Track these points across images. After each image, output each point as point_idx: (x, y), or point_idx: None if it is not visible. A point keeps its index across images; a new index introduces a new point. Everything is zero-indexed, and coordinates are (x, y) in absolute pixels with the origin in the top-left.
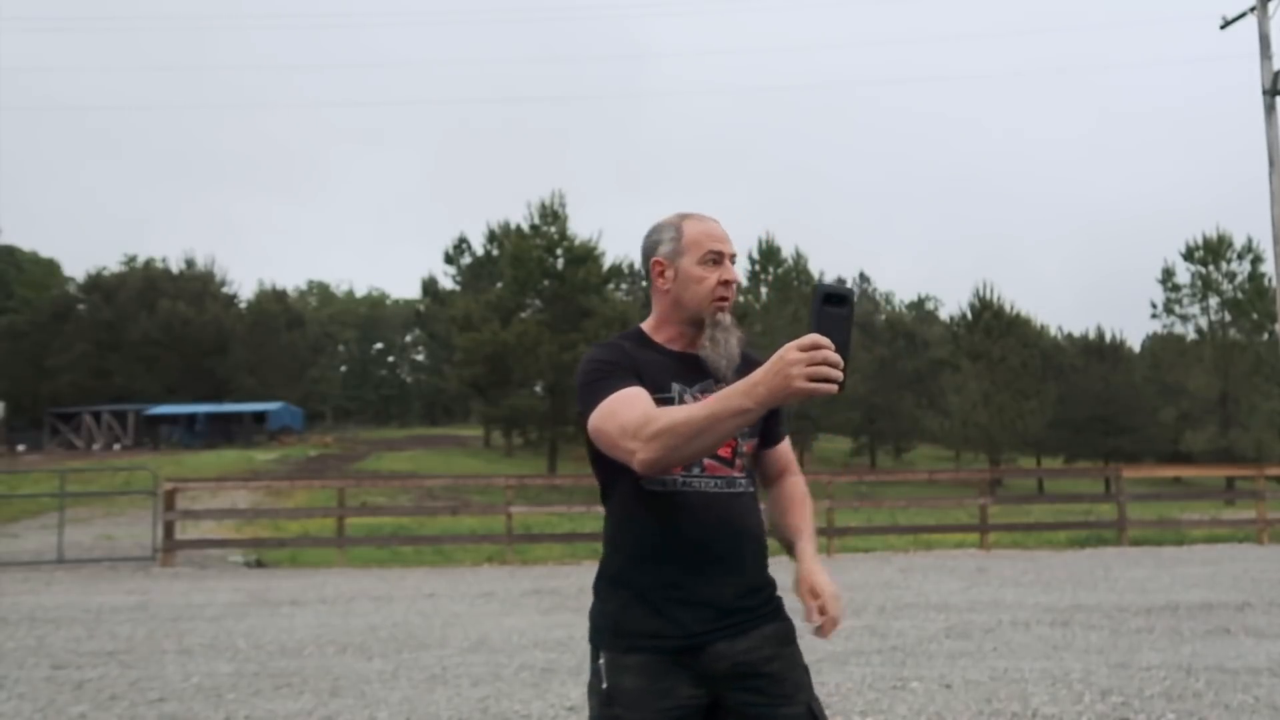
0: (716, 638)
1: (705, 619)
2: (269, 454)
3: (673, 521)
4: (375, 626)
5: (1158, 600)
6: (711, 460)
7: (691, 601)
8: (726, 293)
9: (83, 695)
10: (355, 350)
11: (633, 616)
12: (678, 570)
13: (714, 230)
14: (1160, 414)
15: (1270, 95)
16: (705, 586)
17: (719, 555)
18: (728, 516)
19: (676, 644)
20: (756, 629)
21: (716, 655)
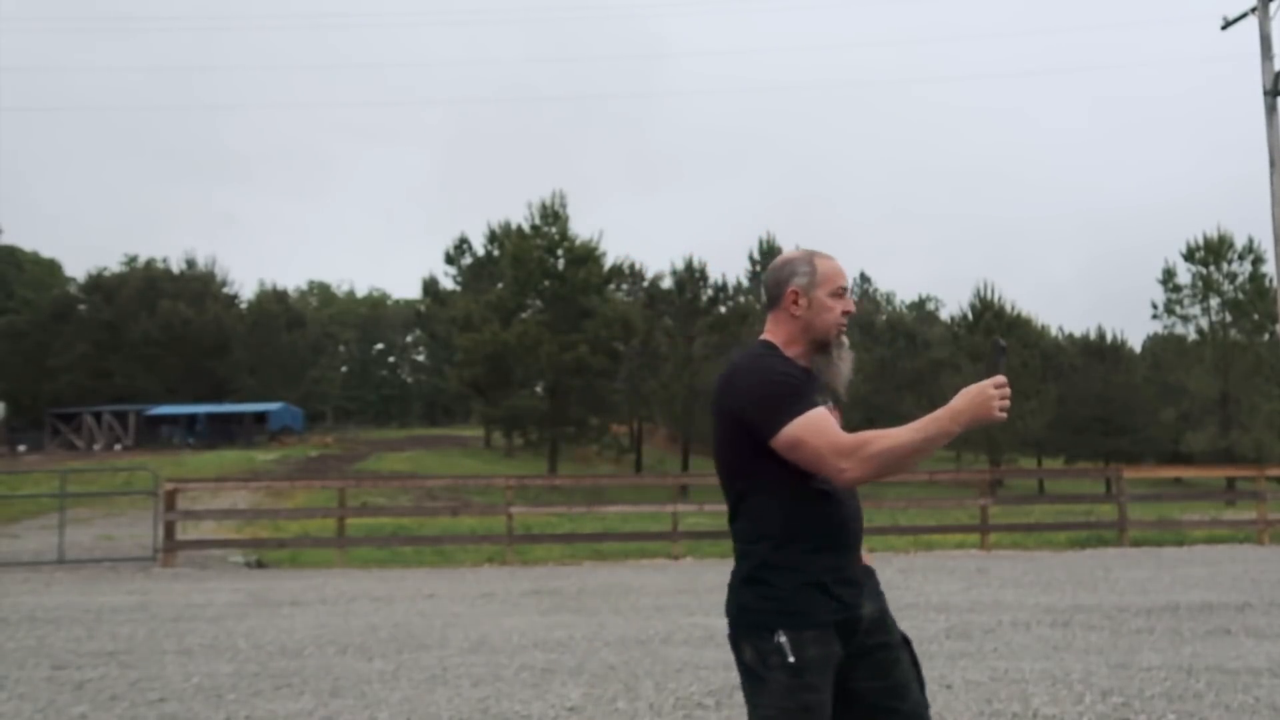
0: (859, 606)
1: (855, 592)
2: (269, 454)
3: (836, 513)
4: (375, 627)
5: (1158, 601)
6: None
7: (847, 580)
8: (845, 321)
9: (83, 695)
10: (356, 350)
11: (808, 598)
12: (840, 555)
13: (840, 268)
14: (1161, 414)
15: (1271, 95)
16: (851, 565)
17: (856, 537)
18: (855, 503)
19: (840, 617)
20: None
21: (860, 619)
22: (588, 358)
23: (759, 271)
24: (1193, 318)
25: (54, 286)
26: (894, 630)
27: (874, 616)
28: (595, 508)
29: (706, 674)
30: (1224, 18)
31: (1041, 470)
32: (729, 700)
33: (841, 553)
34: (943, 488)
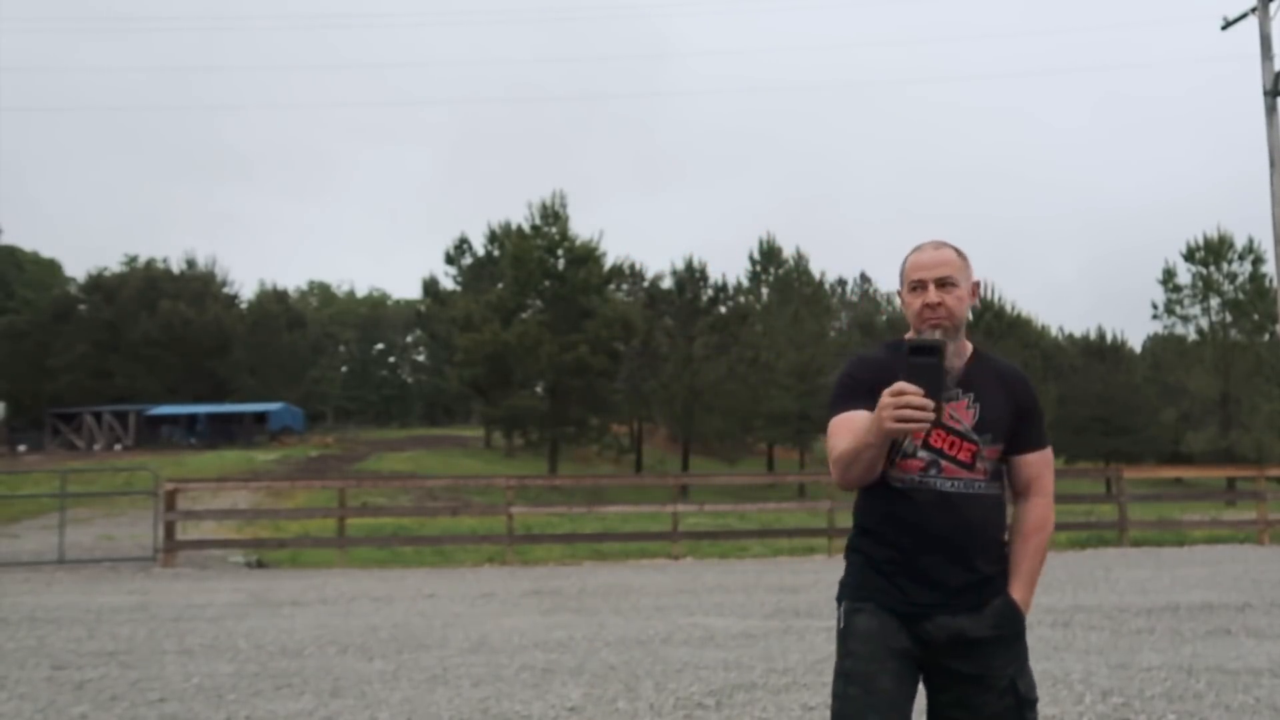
0: (939, 611)
1: (930, 595)
2: (269, 454)
3: (906, 511)
4: (376, 627)
5: (1158, 601)
6: (950, 464)
7: (917, 578)
8: (932, 315)
9: (83, 695)
10: (356, 351)
11: (867, 578)
12: (906, 549)
13: (920, 259)
14: (1161, 415)
15: (1271, 96)
16: (932, 568)
17: (946, 544)
18: (959, 513)
19: (902, 608)
20: (977, 612)
21: (938, 626)
22: (588, 358)
23: (759, 272)
24: (1193, 318)
25: (54, 286)
26: (999, 671)
27: (965, 638)
28: (595, 508)
29: (707, 674)
30: (1224, 18)
31: None
32: (729, 700)
33: (915, 551)
34: None
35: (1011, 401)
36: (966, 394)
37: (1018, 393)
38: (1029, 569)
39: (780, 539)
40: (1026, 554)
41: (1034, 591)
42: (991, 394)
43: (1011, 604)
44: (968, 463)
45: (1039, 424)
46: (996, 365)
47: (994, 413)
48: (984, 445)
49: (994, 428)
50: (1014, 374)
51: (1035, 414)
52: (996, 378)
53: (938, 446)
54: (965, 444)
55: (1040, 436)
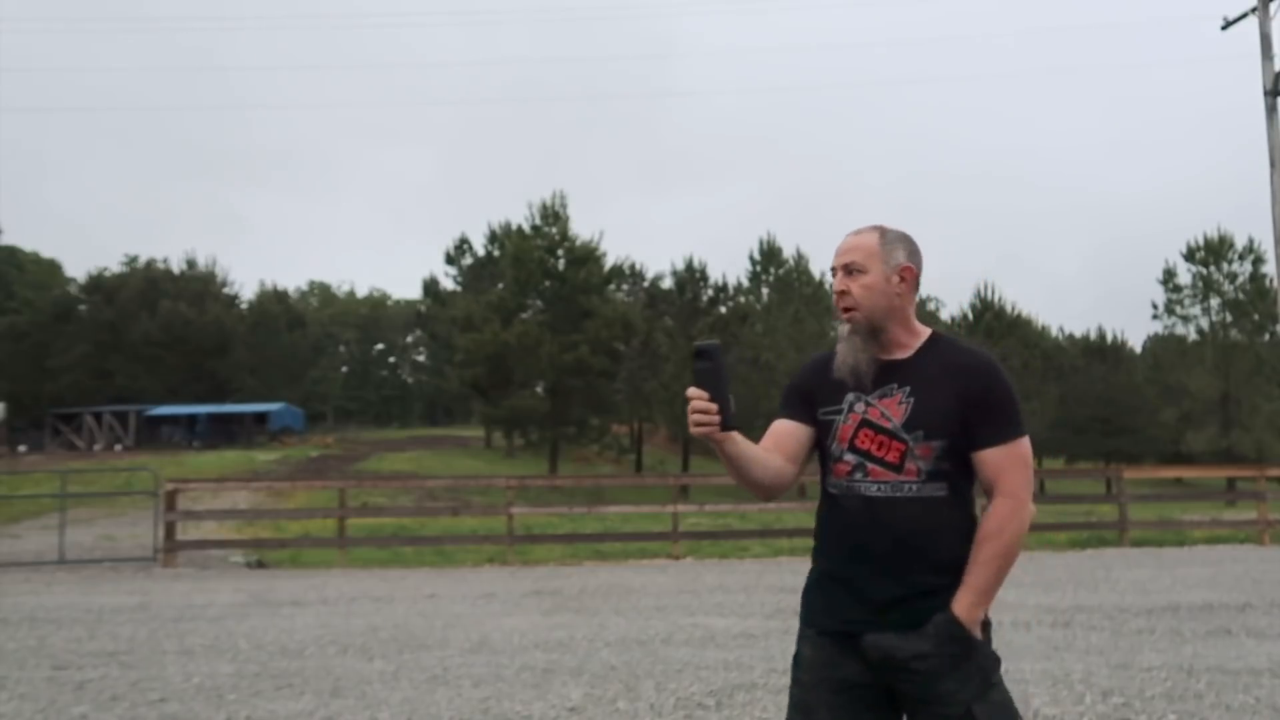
0: (868, 629)
1: (859, 610)
2: (270, 454)
3: (838, 519)
4: (376, 627)
5: (1159, 601)
6: (877, 465)
7: (851, 593)
8: (841, 303)
9: (84, 696)
10: (356, 351)
11: (812, 596)
12: (840, 563)
13: (840, 245)
14: (1161, 415)
15: (1271, 95)
16: (863, 582)
17: (873, 555)
18: (884, 520)
19: (834, 628)
20: (912, 629)
21: (868, 645)
22: (588, 358)
23: (759, 272)
24: (1193, 318)
25: (55, 287)
26: (951, 698)
27: (894, 659)
28: (596, 508)
29: (707, 674)
30: (1224, 18)
31: (1042, 470)
32: (729, 700)
33: (844, 562)
34: None
35: (957, 393)
36: (902, 387)
37: (966, 383)
38: (975, 579)
39: (780, 539)
40: (976, 562)
41: (985, 604)
42: (932, 386)
43: (951, 620)
44: (895, 463)
45: (998, 417)
46: (949, 354)
47: (931, 407)
48: (915, 443)
49: (928, 423)
50: (968, 363)
51: (991, 406)
52: (943, 368)
53: (864, 448)
54: (894, 443)
55: (999, 431)
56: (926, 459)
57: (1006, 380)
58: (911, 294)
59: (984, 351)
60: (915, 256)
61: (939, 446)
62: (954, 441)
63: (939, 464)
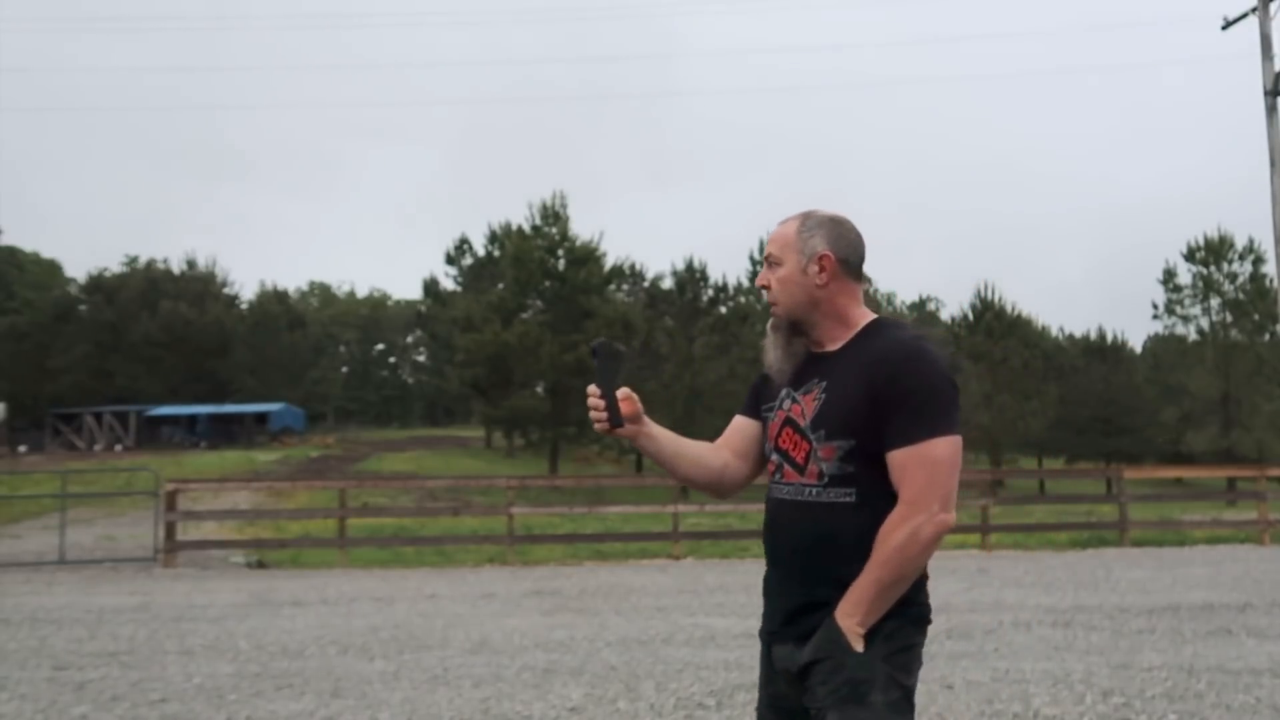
0: (775, 640)
1: (773, 620)
2: (270, 455)
3: (769, 523)
4: (377, 627)
5: (1159, 601)
6: (789, 467)
7: (770, 601)
8: (766, 297)
9: (84, 696)
10: (356, 351)
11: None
12: (767, 568)
13: (770, 235)
14: (1162, 415)
15: (1271, 96)
16: (774, 587)
17: (781, 561)
18: (790, 524)
19: (765, 633)
20: (806, 642)
21: (776, 656)
22: (589, 358)
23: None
24: (1193, 318)
25: (55, 287)
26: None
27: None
28: (596, 508)
29: (708, 674)
30: (1224, 18)
31: (1042, 470)
32: (730, 700)
33: (768, 567)
34: None
35: (866, 386)
36: (820, 382)
37: (877, 376)
38: (861, 585)
39: None
40: (864, 568)
41: (863, 614)
42: (844, 379)
43: (830, 623)
44: (800, 464)
45: (908, 413)
46: (873, 343)
47: (836, 402)
48: (818, 443)
49: (831, 421)
50: (885, 353)
51: (901, 401)
52: (859, 359)
53: (784, 447)
54: (802, 443)
55: (905, 430)
56: (829, 461)
57: (925, 371)
58: (838, 282)
59: (910, 337)
60: (839, 242)
61: (843, 447)
62: (863, 442)
63: (843, 467)
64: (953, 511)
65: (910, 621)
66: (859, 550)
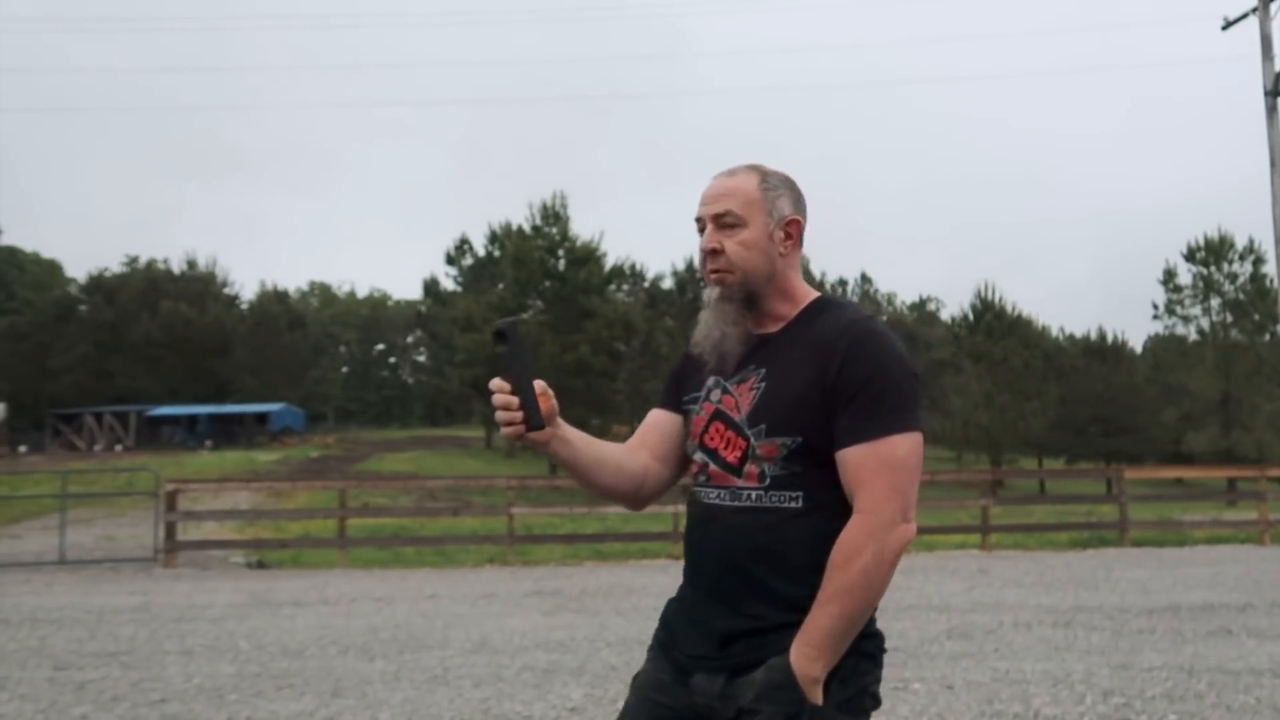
0: (699, 668)
1: (697, 643)
2: (270, 455)
3: (688, 532)
4: (377, 627)
5: (1159, 601)
6: (718, 466)
7: (690, 621)
8: (711, 264)
9: (84, 696)
10: (357, 351)
11: (669, 612)
12: (687, 583)
13: (703, 193)
14: (1162, 415)
15: (1271, 96)
16: (702, 609)
17: (710, 579)
18: (723, 536)
19: (674, 655)
20: (743, 674)
21: (696, 686)
22: (589, 358)
23: None
24: (1194, 318)
25: (55, 287)
26: None
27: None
28: (596, 508)
29: None
30: (1224, 18)
31: (1043, 470)
32: None
33: (689, 582)
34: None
35: (815, 374)
36: (759, 369)
37: (828, 362)
38: (816, 621)
39: None
40: (821, 599)
41: (828, 656)
42: (788, 366)
43: (783, 668)
44: (735, 465)
45: (864, 407)
46: (819, 324)
47: (779, 392)
48: (757, 440)
49: (773, 415)
50: (836, 336)
51: (855, 393)
52: (805, 343)
53: (712, 445)
54: (737, 439)
55: (862, 424)
56: (771, 460)
57: (883, 357)
58: (796, 253)
59: (862, 318)
60: (801, 205)
61: (787, 445)
62: (810, 439)
63: (788, 467)
64: (914, 520)
65: (867, 656)
66: (810, 564)
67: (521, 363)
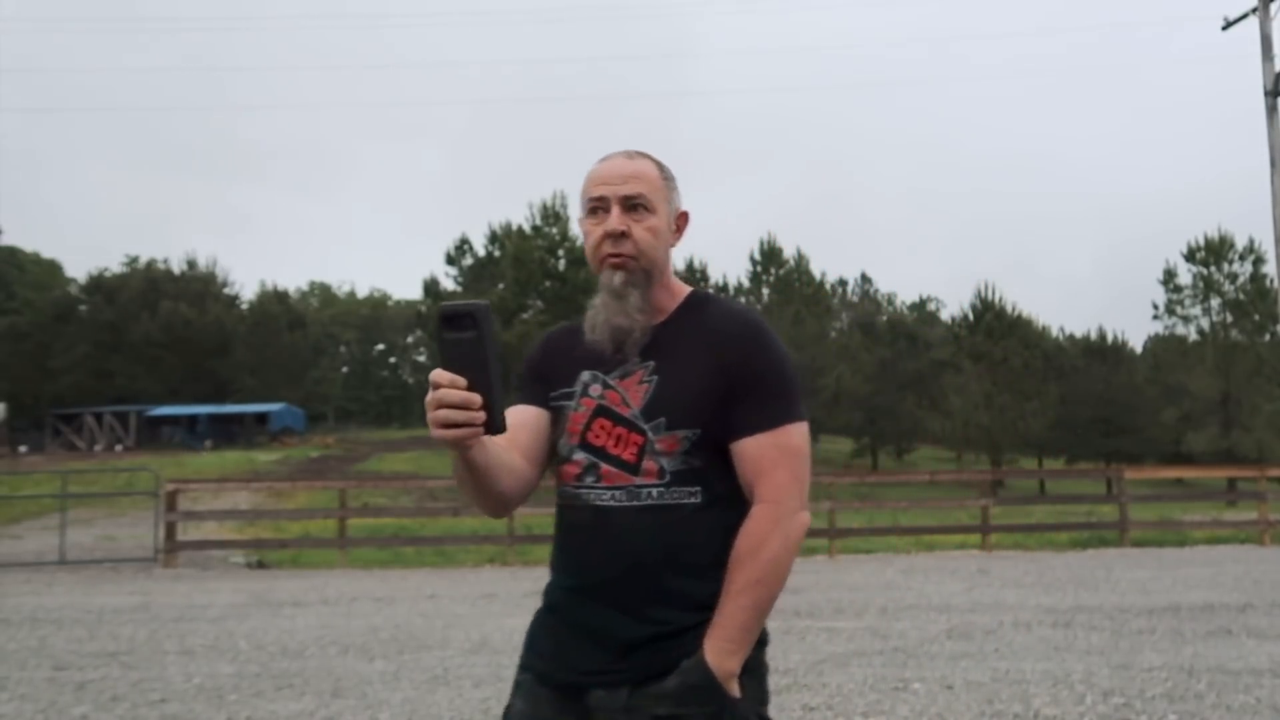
0: (597, 684)
1: (591, 658)
2: (271, 455)
3: (566, 539)
4: (377, 628)
5: (1159, 601)
6: (609, 465)
7: (580, 635)
8: (614, 250)
9: (84, 696)
10: (357, 351)
11: (538, 635)
12: (571, 595)
13: (603, 172)
14: (1162, 415)
15: (1271, 96)
16: (591, 618)
17: (607, 585)
18: (621, 536)
19: (560, 678)
20: (653, 682)
21: (596, 704)
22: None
23: (759, 272)
24: (1194, 318)
25: (55, 287)
26: None
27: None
28: None
29: None
30: (1225, 18)
31: (1042, 471)
32: None
33: (576, 593)
34: (944, 488)
35: (713, 366)
36: (645, 363)
37: (727, 352)
38: (729, 615)
39: None
40: (729, 593)
41: (743, 649)
42: (681, 359)
43: (700, 667)
44: (631, 462)
45: (762, 397)
46: (709, 317)
47: (677, 385)
48: (655, 435)
49: (673, 408)
50: (731, 326)
51: (754, 383)
52: (697, 336)
53: (598, 444)
54: (632, 435)
55: (767, 414)
56: (671, 455)
57: (775, 349)
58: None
59: (750, 311)
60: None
61: (687, 437)
62: (708, 431)
63: (688, 461)
64: (808, 509)
65: (762, 645)
66: (715, 560)
67: (492, 353)
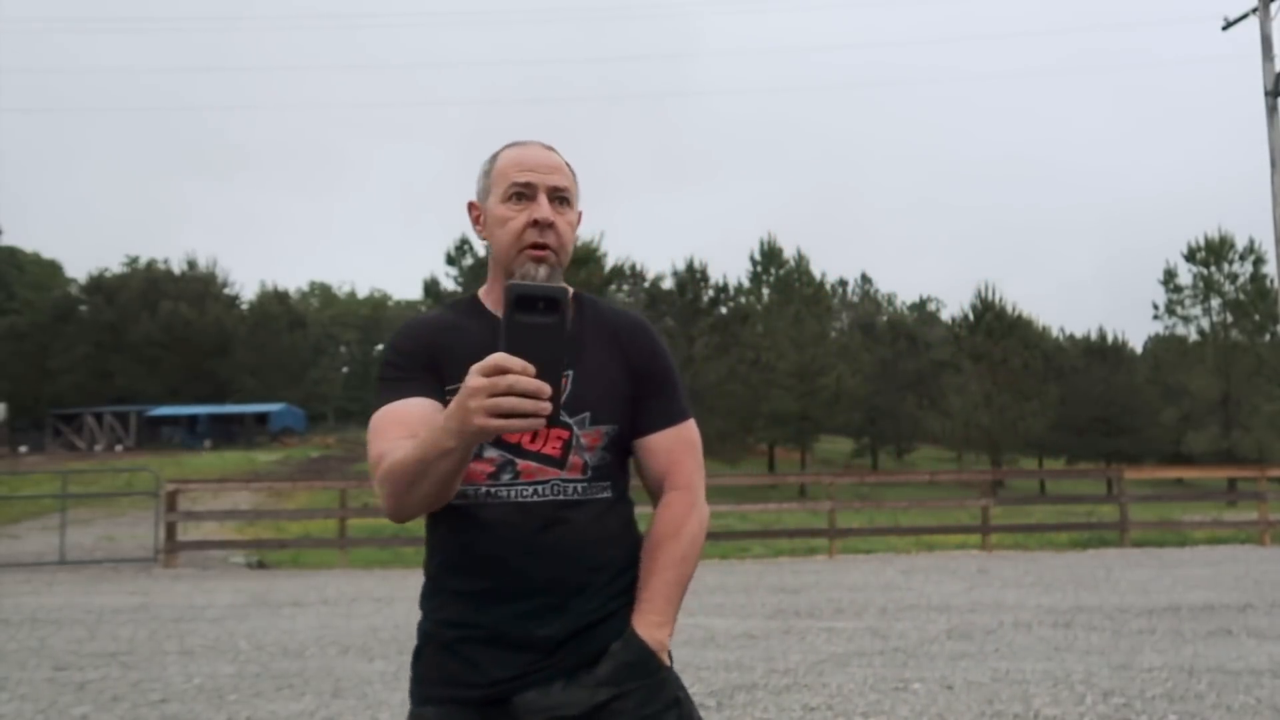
0: (526, 685)
1: (514, 663)
2: (271, 455)
3: (474, 542)
4: (377, 628)
5: (1159, 602)
6: (530, 461)
7: (496, 642)
8: (540, 237)
9: (84, 696)
10: (357, 351)
11: (431, 660)
12: (479, 603)
13: (525, 156)
14: (1162, 415)
15: (1272, 96)
16: (515, 622)
17: (534, 584)
18: (549, 532)
19: (478, 694)
20: (584, 672)
21: (527, 707)
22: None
23: (760, 272)
24: (1194, 318)
25: (55, 287)
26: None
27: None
28: None
29: (707, 675)
30: (1225, 18)
31: (1043, 471)
32: (730, 701)
33: (486, 600)
34: (944, 488)
35: (624, 363)
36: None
37: (634, 349)
38: (657, 591)
39: (781, 540)
40: (654, 571)
41: (671, 622)
42: (593, 356)
43: (635, 645)
44: (557, 457)
45: (670, 391)
46: (606, 314)
47: (597, 382)
48: (580, 430)
49: (597, 403)
50: (630, 324)
51: (663, 377)
52: (601, 333)
53: (512, 440)
54: (554, 430)
55: (669, 411)
56: (592, 450)
57: (666, 346)
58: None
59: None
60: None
61: (608, 433)
62: (623, 427)
63: (604, 456)
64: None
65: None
66: (629, 554)
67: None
